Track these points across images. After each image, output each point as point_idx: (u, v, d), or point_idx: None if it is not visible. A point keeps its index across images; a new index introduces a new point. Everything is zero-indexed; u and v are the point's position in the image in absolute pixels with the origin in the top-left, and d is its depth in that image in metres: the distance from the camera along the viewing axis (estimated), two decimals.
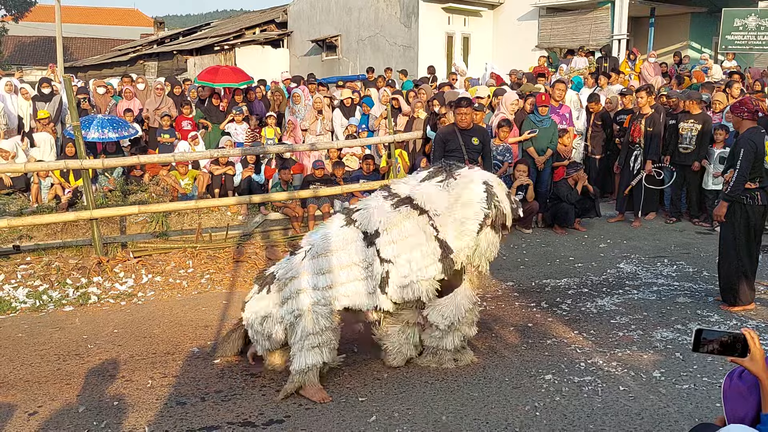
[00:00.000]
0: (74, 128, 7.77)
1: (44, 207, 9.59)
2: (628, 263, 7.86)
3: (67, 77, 8.66)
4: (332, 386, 4.64)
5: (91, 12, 57.64)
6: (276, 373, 4.85)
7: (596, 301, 6.52)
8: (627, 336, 5.58)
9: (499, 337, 5.58)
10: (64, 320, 6.17)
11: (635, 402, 4.38)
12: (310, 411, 4.31)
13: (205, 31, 31.43)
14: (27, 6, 42.59)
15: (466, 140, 7.50)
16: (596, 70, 15.34)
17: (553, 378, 4.75)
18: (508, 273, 7.54)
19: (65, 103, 11.68)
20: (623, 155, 9.93)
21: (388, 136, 9.91)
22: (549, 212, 9.64)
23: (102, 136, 10.65)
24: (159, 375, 4.88)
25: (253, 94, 13.39)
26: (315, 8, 24.49)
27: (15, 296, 6.73)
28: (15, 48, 45.01)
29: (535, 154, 9.66)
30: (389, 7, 21.51)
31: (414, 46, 20.78)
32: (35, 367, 5.06)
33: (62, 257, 7.78)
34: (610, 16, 19.11)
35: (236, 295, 6.84)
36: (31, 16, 43.31)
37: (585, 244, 8.87)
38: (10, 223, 7.81)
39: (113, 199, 9.88)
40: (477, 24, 21.93)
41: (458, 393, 4.53)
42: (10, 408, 4.37)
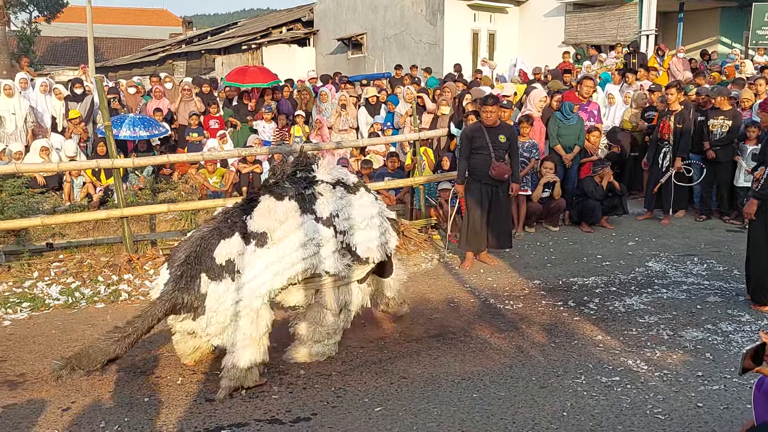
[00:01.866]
0: (106, 128, 7.89)
1: (76, 205, 9.74)
2: (657, 261, 7.79)
3: (98, 78, 8.80)
4: (358, 385, 4.68)
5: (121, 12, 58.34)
6: (303, 370, 4.90)
7: (624, 300, 6.47)
8: (656, 336, 5.54)
9: (526, 336, 5.57)
10: (95, 317, 6.28)
11: (664, 403, 4.35)
12: (337, 409, 4.35)
13: (233, 31, 31.65)
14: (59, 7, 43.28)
15: (492, 138, 7.48)
16: (624, 66, 15.19)
17: (580, 378, 4.73)
18: (535, 271, 7.52)
19: (97, 103, 11.86)
20: (651, 152, 9.83)
21: (413, 134, 9.91)
22: (575, 209, 9.59)
23: (134, 135, 10.84)
24: (188, 371, 4.95)
25: (279, 93, 13.48)
26: (341, 6, 24.55)
27: (48, 293, 6.86)
28: (47, 48, 45.72)
29: (562, 152, 9.60)
30: (415, 5, 21.49)
31: (439, 44, 20.74)
32: None
33: (94, 255, 7.91)
34: (639, 12, 18.90)
35: None
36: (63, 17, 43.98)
37: (613, 242, 8.80)
38: (44, 222, 7.96)
39: (143, 198, 10.01)
40: (503, 21, 21.83)
41: (484, 392, 4.54)
42: (44, 403, 4.47)
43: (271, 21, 29.19)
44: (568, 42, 20.26)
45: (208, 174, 10.36)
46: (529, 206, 9.27)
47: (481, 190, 7.57)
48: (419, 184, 9.48)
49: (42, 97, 12.34)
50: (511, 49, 21.24)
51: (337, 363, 5.03)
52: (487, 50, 21.47)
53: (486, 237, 7.71)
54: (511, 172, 7.57)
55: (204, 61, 28.34)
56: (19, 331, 5.93)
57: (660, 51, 16.40)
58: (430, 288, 6.98)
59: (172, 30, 47.56)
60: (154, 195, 10.19)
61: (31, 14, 43.56)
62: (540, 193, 9.28)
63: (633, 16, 18.96)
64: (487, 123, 7.50)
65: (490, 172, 7.41)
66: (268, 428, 4.13)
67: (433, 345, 5.40)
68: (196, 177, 10.35)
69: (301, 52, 25.95)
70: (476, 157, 7.50)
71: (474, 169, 7.55)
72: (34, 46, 41.96)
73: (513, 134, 7.75)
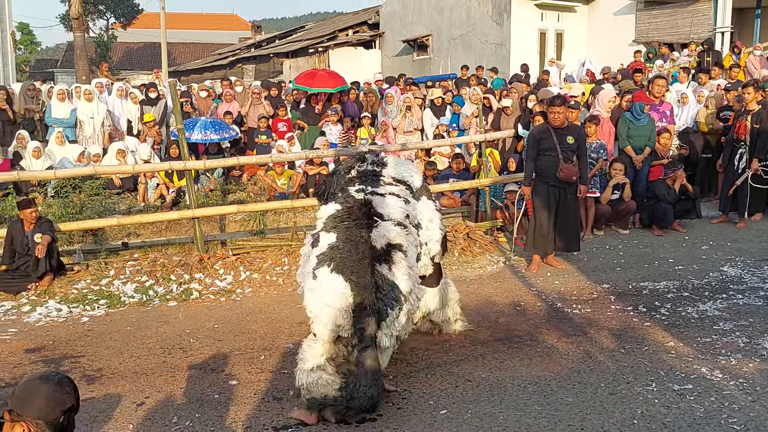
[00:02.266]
0: (178, 131, 8.13)
1: (150, 206, 10.06)
2: (732, 266, 7.53)
3: (172, 82, 9.08)
4: (423, 387, 4.68)
5: (193, 18, 59.94)
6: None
7: (698, 305, 6.29)
8: (731, 343, 5.36)
9: (595, 342, 5.47)
10: (168, 315, 6.47)
11: (740, 413, 4.21)
12: (402, 411, 4.36)
13: (300, 34, 32.11)
14: (134, 14, 44.79)
15: (560, 139, 7.38)
16: (698, 64, 14.75)
17: (651, 385, 4.62)
18: (604, 275, 7.37)
19: (170, 107, 12.22)
20: (727, 153, 9.52)
21: (479, 135, 9.86)
22: (646, 212, 9.36)
23: (205, 138, 11.14)
24: (257, 370, 5.05)
25: (346, 96, 13.61)
26: (407, 9, 24.61)
27: (124, 291, 7.11)
28: (123, 54, 47.33)
29: (632, 153, 9.39)
30: (481, 5, 21.37)
31: (506, 44, 20.57)
32: (142, 360, 5.33)
33: (167, 254, 8.15)
34: (713, 8, 18.33)
35: None
36: (138, 23, 45.53)
37: (685, 245, 8.56)
38: (120, 222, 8.27)
39: (213, 199, 10.26)
40: (571, 20, 21.50)
41: (552, 397, 4.48)
42: (119, 398, 4.63)
43: (338, 24, 29.51)
44: (639, 40, 19.81)
45: (276, 176, 10.55)
46: (598, 208, 9.10)
47: (549, 192, 7.47)
48: (485, 185, 9.42)
49: (118, 102, 12.78)
50: (580, 49, 20.90)
51: (402, 365, 5.05)
52: (554, 50, 21.19)
53: (553, 240, 7.61)
54: (579, 173, 7.45)
55: (272, 65, 28.85)
56: (97, 327, 6.16)
57: (736, 48, 15.86)
58: (495, 291, 6.94)
59: (242, 34, 48.60)
60: (224, 196, 10.44)
61: (109, 21, 45.22)
62: (609, 195, 9.10)
63: (707, 12, 18.40)
64: (555, 124, 7.41)
65: (558, 173, 7.32)
66: (334, 428, 4.17)
67: (498, 348, 5.36)
68: (264, 179, 10.56)
69: (367, 54, 26.14)
70: (544, 158, 7.41)
71: (541, 171, 7.46)
72: (111, 52, 43.52)
73: (581, 135, 7.63)
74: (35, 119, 12.25)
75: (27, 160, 10.62)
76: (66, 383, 2.58)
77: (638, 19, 20.10)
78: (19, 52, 34.54)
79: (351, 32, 27.41)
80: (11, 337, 5.91)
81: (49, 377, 2.56)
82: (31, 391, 2.50)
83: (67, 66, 38.04)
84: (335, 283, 4.28)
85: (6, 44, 19.62)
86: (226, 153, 11.91)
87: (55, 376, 2.58)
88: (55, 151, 11.07)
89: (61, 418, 2.53)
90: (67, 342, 5.76)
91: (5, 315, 6.53)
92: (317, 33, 28.93)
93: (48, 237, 7.17)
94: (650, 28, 19.77)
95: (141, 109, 12.64)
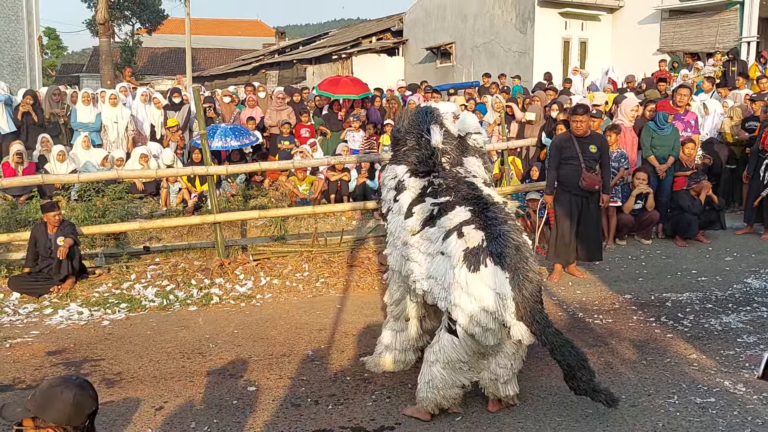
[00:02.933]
0: (201, 136, 8.18)
1: (172, 211, 10.12)
2: (756, 278, 7.43)
3: (195, 88, 9.13)
4: None
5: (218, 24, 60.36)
6: (387, 379, 4.92)
7: (721, 317, 6.20)
8: (755, 356, 5.27)
9: (616, 353, 5.41)
10: (188, 319, 6.50)
11: (764, 427, 4.14)
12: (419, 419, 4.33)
13: (324, 41, 32.23)
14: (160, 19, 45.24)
15: (583, 148, 7.33)
16: (723, 74, 14.60)
17: (673, 398, 4.56)
18: (626, 285, 7.30)
19: (193, 112, 12.30)
20: (752, 164, 9.40)
21: (501, 143, 9.82)
22: (670, 223, 9.26)
23: (225, 145, 11.18)
24: (275, 376, 5.05)
25: (369, 102, 13.63)
26: (430, 16, 24.63)
27: (145, 295, 7.15)
28: (148, 59, 47.77)
29: (656, 162, 9.30)
30: (505, 14, 21.32)
31: (529, 52, 20.50)
32: (161, 364, 5.35)
33: (187, 258, 8.20)
34: (739, 18, 18.13)
35: (350, 299, 6.98)
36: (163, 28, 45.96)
37: (709, 256, 8.46)
38: (142, 226, 8.33)
39: (235, 204, 10.30)
40: (595, 28, 21.39)
41: (572, 408, 4.43)
42: (138, 402, 4.65)
43: (362, 31, 29.58)
44: (664, 50, 19.65)
45: (297, 181, 10.57)
46: (620, 218, 9.02)
47: (571, 200, 7.42)
48: (507, 193, 9.38)
49: (142, 106, 12.89)
50: (604, 58, 20.78)
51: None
52: (578, 59, 21.08)
53: (575, 249, 7.55)
54: (601, 182, 7.39)
55: (296, 71, 28.97)
56: (117, 330, 6.20)
57: (762, 58, 15.68)
58: None
59: (266, 40, 48.89)
60: (245, 201, 10.48)
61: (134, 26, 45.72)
62: (632, 204, 9.02)
63: (733, 22, 18.22)
64: (577, 133, 7.37)
65: (581, 182, 7.26)
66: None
67: None
68: (286, 184, 10.58)
69: (390, 61, 26.18)
70: (566, 167, 7.37)
71: (564, 180, 7.41)
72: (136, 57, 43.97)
73: (604, 144, 7.57)
74: (60, 123, 12.41)
75: (51, 163, 10.75)
76: (88, 387, 2.59)
77: (663, 29, 19.95)
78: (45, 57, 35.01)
79: (374, 39, 27.47)
80: (33, 339, 5.97)
81: (71, 381, 2.55)
82: (56, 396, 2.48)
83: (93, 71, 38.51)
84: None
85: (33, 49, 19.91)
86: (248, 158, 11.96)
87: (76, 380, 2.57)
88: (80, 155, 11.19)
89: (86, 422, 2.54)
90: (88, 345, 5.80)
91: (27, 317, 6.60)
92: (341, 39, 29.03)
93: (70, 240, 7.24)
94: (675, 37, 19.60)
95: (164, 113, 12.73)
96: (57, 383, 2.54)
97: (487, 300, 4.01)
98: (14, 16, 18.94)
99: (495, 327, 4.04)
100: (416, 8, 25.49)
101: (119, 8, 42.05)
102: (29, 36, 19.61)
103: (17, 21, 19.08)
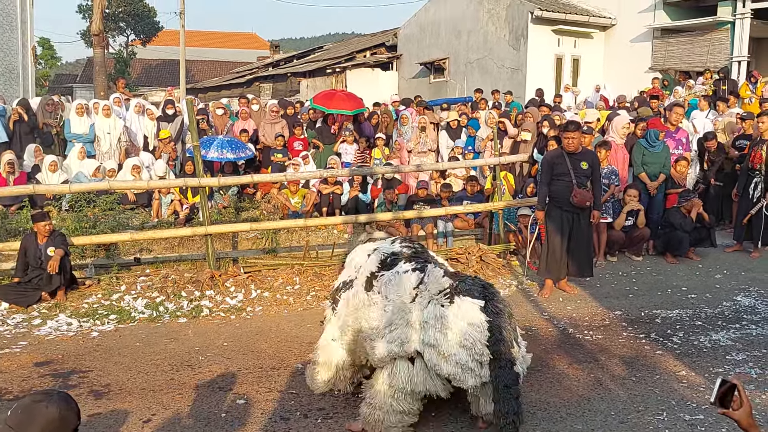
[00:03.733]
0: (194, 148, 8.18)
1: (164, 222, 10.10)
2: (746, 296, 7.46)
3: (189, 99, 9.12)
4: (432, 411, 4.63)
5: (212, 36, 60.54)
6: None
7: (710, 335, 6.22)
8: (744, 374, 5.29)
9: (605, 369, 5.42)
10: (178, 331, 6.47)
11: None
12: None
13: (318, 54, 32.35)
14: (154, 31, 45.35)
15: (574, 164, 7.37)
16: (714, 93, 14.72)
17: (662, 415, 4.56)
18: (616, 301, 7.32)
19: (186, 124, 12.31)
20: (742, 182, 9.47)
21: (494, 158, 9.87)
22: (661, 240, 9.30)
23: (221, 156, 11.21)
24: (265, 389, 5.03)
25: (362, 116, 13.67)
26: (424, 32, 24.76)
27: (134, 306, 7.12)
28: (142, 70, 47.83)
29: (647, 180, 9.36)
30: (498, 30, 21.46)
31: (522, 69, 20.62)
32: (150, 376, 5.32)
33: (178, 270, 8.17)
34: (730, 38, 18.31)
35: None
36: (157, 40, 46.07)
37: (699, 274, 8.49)
38: (133, 237, 8.31)
39: (227, 216, 10.30)
40: (588, 46, 21.54)
41: (561, 424, 4.43)
42: (127, 414, 4.62)
43: (356, 45, 29.70)
44: (655, 68, 19.82)
45: (290, 194, 10.58)
46: (611, 234, 9.05)
47: (562, 216, 7.45)
48: (498, 208, 9.41)
49: (136, 118, 12.89)
50: (596, 75, 20.93)
51: None
52: (570, 76, 21.22)
53: (566, 264, 7.57)
54: (593, 199, 7.42)
55: (289, 84, 29.04)
56: (106, 342, 6.17)
57: (753, 78, 15.83)
58: None
59: (260, 53, 49.04)
60: (237, 213, 10.48)
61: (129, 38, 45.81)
62: (623, 221, 9.06)
63: (724, 41, 18.39)
64: (569, 149, 7.40)
65: (572, 199, 7.29)
66: None
67: None
68: (278, 197, 10.59)
69: (384, 75, 26.27)
70: (557, 183, 7.40)
71: (555, 196, 7.44)
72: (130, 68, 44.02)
73: (595, 160, 7.61)
74: (53, 134, 12.39)
75: (43, 173, 10.72)
76: (71, 401, 2.52)
77: (655, 47, 20.12)
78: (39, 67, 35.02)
79: (369, 53, 27.57)
80: (21, 349, 5.93)
81: (54, 396, 2.48)
82: (39, 412, 2.40)
83: (86, 81, 38.51)
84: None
85: (27, 59, 19.88)
86: (241, 170, 11.98)
87: (59, 395, 2.51)
88: (73, 166, 11.17)
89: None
90: (77, 356, 5.77)
91: (16, 327, 6.56)
92: (335, 53, 29.14)
93: (61, 251, 7.21)
94: (666, 56, 19.77)
95: (157, 125, 12.74)
96: (39, 398, 2.46)
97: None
98: (8, 26, 18.91)
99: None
100: (411, 24, 25.63)
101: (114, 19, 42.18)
102: (23, 46, 19.57)
103: (11, 30, 19.04)
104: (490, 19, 21.70)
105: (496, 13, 21.48)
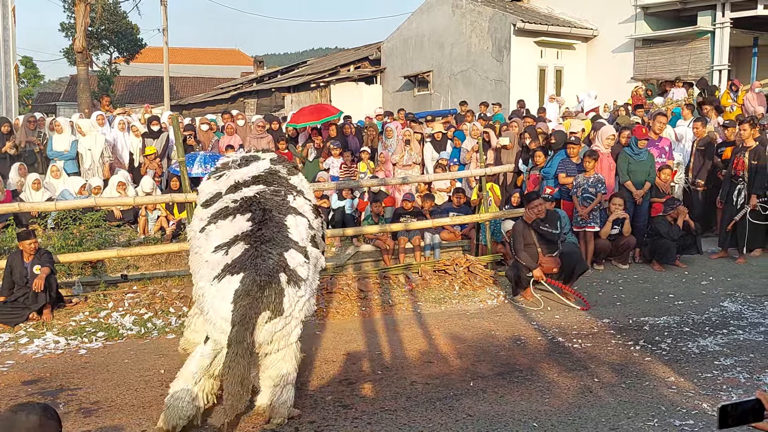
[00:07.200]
0: (180, 163, 8.17)
1: (150, 238, 10.05)
2: (732, 302, 7.52)
3: (174, 115, 9.14)
4: (423, 421, 4.63)
5: (196, 53, 60.52)
6: (369, 404, 4.89)
7: (698, 341, 6.26)
8: (732, 379, 5.33)
9: (595, 376, 5.44)
10: (167, 347, 6.43)
11: None
12: None
13: (302, 69, 32.39)
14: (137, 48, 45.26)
15: (539, 232, 7.73)
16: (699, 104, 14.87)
17: (652, 421, 4.58)
18: (604, 309, 7.36)
19: (172, 140, 12.28)
20: (725, 189, 9.57)
21: (480, 170, 9.91)
22: (648, 248, 9.37)
23: (205, 171, 11.14)
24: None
25: (349, 128, 13.74)
26: (408, 45, 24.89)
27: (122, 323, 7.07)
28: (126, 87, 47.69)
29: (632, 188, 9.43)
30: (481, 42, 21.62)
31: (506, 80, 20.77)
32: (140, 392, 5.29)
33: (166, 286, 8.12)
34: (710, 47, 18.56)
35: (329, 325, 6.96)
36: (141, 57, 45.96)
37: (685, 281, 8.55)
38: (120, 254, 8.26)
39: None
40: (570, 57, 21.75)
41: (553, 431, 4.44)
42: (117, 431, 4.58)
43: (340, 60, 29.77)
44: (637, 78, 20.03)
45: None
46: (597, 243, 9.11)
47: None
48: (485, 220, 9.44)
49: (120, 135, 12.85)
50: (579, 86, 21.11)
51: (402, 399, 5.01)
52: (554, 87, 21.40)
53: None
54: (560, 264, 7.70)
55: (274, 99, 29.05)
56: (94, 359, 6.12)
57: (734, 86, 16.02)
58: (496, 325, 6.91)
59: (244, 69, 49.05)
60: None
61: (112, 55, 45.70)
62: (609, 229, 9.12)
63: (705, 51, 18.63)
64: (529, 221, 7.72)
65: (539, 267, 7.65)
66: None
67: (499, 383, 5.33)
68: None
69: (368, 89, 26.34)
70: (527, 249, 7.77)
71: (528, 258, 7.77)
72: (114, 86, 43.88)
73: (563, 218, 8.02)
74: (36, 152, 12.30)
75: (26, 192, 10.65)
76: (50, 409, 2.48)
77: (636, 57, 20.34)
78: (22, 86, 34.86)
79: (352, 68, 27.65)
80: (8, 369, 5.87)
81: (33, 406, 2.44)
82: (20, 422, 2.36)
83: (70, 99, 38.33)
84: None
85: (9, 78, 19.78)
86: None
87: (37, 404, 2.47)
88: (54, 184, 11.10)
89: None
90: (65, 374, 5.72)
91: (2, 346, 6.49)
92: (319, 68, 29.19)
93: (47, 269, 7.16)
94: (648, 65, 19.99)
95: (143, 141, 12.70)
96: (18, 409, 2.43)
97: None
98: None
99: None
100: (394, 37, 25.76)
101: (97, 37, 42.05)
102: (5, 64, 19.49)
103: None
104: (473, 31, 21.87)
105: (478, 26, 21.64)
